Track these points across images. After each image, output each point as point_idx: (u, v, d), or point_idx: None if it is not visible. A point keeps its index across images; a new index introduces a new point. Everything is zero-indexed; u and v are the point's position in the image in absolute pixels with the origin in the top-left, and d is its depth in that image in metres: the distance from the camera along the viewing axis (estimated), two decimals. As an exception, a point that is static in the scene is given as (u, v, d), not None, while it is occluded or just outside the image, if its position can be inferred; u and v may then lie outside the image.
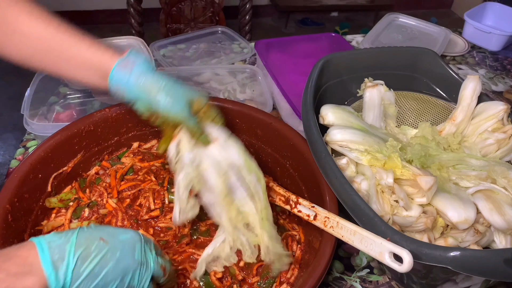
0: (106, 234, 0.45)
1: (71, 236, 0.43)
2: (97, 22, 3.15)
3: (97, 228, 0.46)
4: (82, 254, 0.42)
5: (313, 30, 3.35)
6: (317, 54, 1.08)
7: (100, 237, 0.44)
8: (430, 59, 0.82)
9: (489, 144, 0.70)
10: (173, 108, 0.57)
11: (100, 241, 0.44)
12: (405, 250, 0.46)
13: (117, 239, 0.45)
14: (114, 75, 0.57)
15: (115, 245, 0.45)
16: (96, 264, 0.42)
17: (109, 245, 0.44)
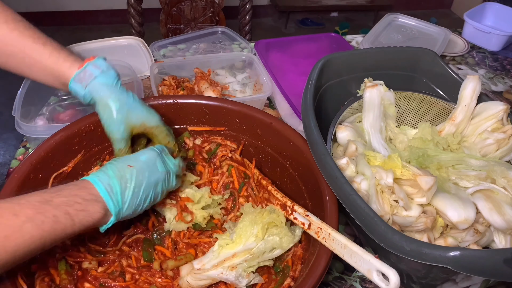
0: (130, 160, 0.56)
1: (108, 171, 0.53)
2: (97, 22, 3.16)
3: (119, 160, 0.56)
4: (122, 182, 0.53)
5: (313, 30, 3.35)
6: (317, 54, 1.08)
7: (127, 164, 0.55)
8: (430, 59, 0.82)
9: (489, 144, 0.70)
10: (108, 127, 0.62)
11: (129, 168, 0.55)
12: (391, 270, 0.46)
13: (140, 161, 0.56)
14: (71, 86, 0.61)
15: (141, 166, 0.56)
16: (135, 185, 0.54)
17: (137, 168, 0.55)
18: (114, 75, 0.62)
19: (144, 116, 0.63)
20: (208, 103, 0.73)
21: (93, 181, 0.52)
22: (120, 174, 0.54)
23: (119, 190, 0.53)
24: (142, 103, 0.64)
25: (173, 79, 0.96)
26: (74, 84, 0.60)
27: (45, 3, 2.98)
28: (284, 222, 0.60)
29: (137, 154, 0.58)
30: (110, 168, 0.54)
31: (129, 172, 0.54)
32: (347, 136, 0.70)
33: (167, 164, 0.59)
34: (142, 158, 0.57)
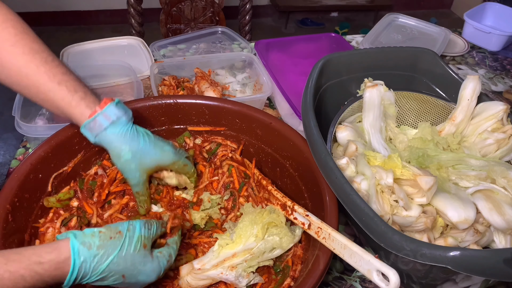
0: (131, 273, 0.51)
1: (102, 263, 0.48)
2: (97, 22, 3.15)
3: (132, 257, 0.51)
4: (100, 277, 0.49)
5: (313, 30, 3.35)
6: (317, 54, 1.08)
7: (123, 274, 0.50)
8: (430, 59, 0.82)
9: (489, 144, 0.70)
10: (123, 174, 0.62)
11: (121, 277, 0.50)
12: (392, 270, 0.46)
13: (136, 279, 0.52)
14: (82, 132, 0.60)
15: (130, 283, 0.52)
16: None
17: (125, 281, 0.51)
18: (125, 122, 0.60)
19: (157, 158, 0.62)
20: (208, 103, 0.73)
21: (74, 263, 0.47)
22: (106, 274, 0.49)
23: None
24: (154, 142, 0.62)
25: (173, 79, 0.96)
26: (85, 131, 0.59)
27: (45, 3, 2.97)
28: (284, 222, 0.60)
29: (143, 267, 0.52)
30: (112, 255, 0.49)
31: (116, 279, 0.50)
32: (347, 136, 0.70)
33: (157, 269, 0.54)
34: (140, 278, 0.52)
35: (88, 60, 1.05)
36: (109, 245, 0.49)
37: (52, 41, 0.65)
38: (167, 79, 0.96)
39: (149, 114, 0.72)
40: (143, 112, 0.71)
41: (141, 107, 0.71)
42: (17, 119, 0.78)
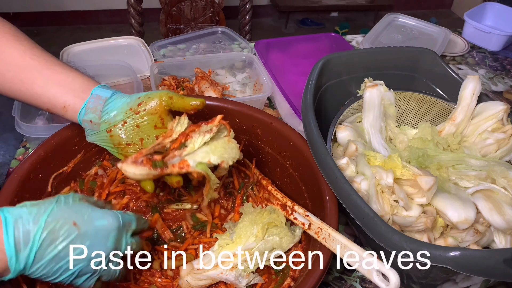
0: (81, 218, 0.45)
1: (42, 214, 0.42)
2: (97, 22, 3.16)
3: (74, 206, 0.46)
4: (49, 237, 0.42)
5: (313, 30, 3.35)
6: (317, 54, 1.08)
7: (73, 220, 0.44)
8: (430, 59, 0.82)
9: (489, 144, 0.70)
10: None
11: (72, 226, 0.43)
12: (391, 270, 0.46)
13: (92, 225, 0.45)
14: (83, 119, 0.59)
15: (87, 232, 0.44)
16: (62, 249, 0.43)
17: (81, 231, 0.44)
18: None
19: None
20: (208, 103, 0.72)
21: (4, 221, 0.40)
22: (54, 225, 0.42)
23: (35, 248, 0.41)
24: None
25: (173, 79, 0.96)
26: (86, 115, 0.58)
27: (45, 3, 2.97)
28: (284, 222, 0.60)
29: (96, 213, 0.47)
30: (48, 207, 0.43)
31: (67, 229, 0.43)
32: (347, 136, 0.70)
33: (121, 242, 0.49)
34: (97, 223, 0.46)
35: (88, 60, 1.05)
36: (42, 203, 0.44)
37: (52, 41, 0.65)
38: (167, 79, 0.96)
39: (149, 114, 0.72)
40: (143, 112, 0.71)
41: (141, 107, 0.71)
42: (17, 119, 0.78)
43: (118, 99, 0.59)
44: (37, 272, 0.43)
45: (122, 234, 0.49)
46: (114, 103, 0.58)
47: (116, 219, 0.48)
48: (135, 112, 0.58)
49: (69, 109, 0.58)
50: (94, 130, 0.59)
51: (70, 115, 0.59)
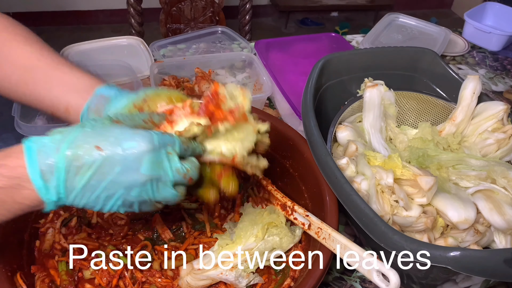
0: (106, 140, 0.40)
1: (63, 141, 0.39)
2: (97, 22, 3.15)
3: (101, 129, 0.41)
4: (73, 164, 0.39)
5: (313, 30, 3.35)
6: (317, 54, 1.08)
7: (95, 145, 0.39)
8: (430, 59, 0.82)
9: (489, 144, 0.70)
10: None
11: (96, 150, 0.39)
12: (392, 270, 0.46)
13: (118, 148, 0.40)
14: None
15: (114, 157, 0.39)
16: (91, 176, 0.39)
17: (106, 155, 0.39)
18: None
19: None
20: (208, 103, 0.72)
21: (28, 151, 0.38)
22: (76, 152, 0.39)
23: (63, 177, 0.39)
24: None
25: (173, 79, 0.96)
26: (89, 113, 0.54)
27: (45, 3, 2.97)
28: (284, 222, 0.60)
29: (124, 134, 0.41)
30: (71, 133, 0.40)
31: (91, 155, 0.39)
32: (347, 136, 0.70)
33: (164, 168, 0.42)
34: (125, 145, 0.40)
35: (88, 60, 1.05)
36: (68, 129, 0.41)
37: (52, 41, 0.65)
38: (167, 79, 0.96)
39: (149, 114, 0.72)
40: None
41: (141, 107, 0.71)
42: (17, 119, 0.78)
43: (123, 98, 0.54)
44: (77, 202, 0.40)
45: (160, 157, 0.42)
46: (118, 101, 0.54)
47: (148, 140, 0.41)
48: (138, 109, 0.53)
49: (71, 110, 0.54)
50: None
51: (73, 117, 0.55)
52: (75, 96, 0.55)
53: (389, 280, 0.46)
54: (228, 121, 0.49)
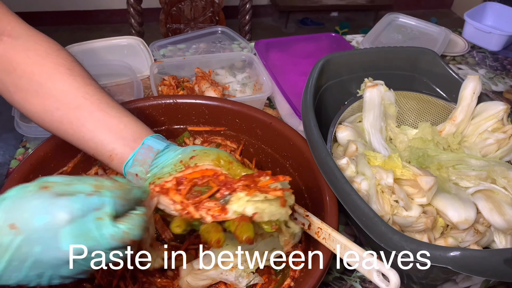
0: (21, 216, 0.35)
1: None
2: (97, 22, 3.16)
3: (16, 203, 0.36)
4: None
5: (313, 30, 3.35)
6: (317, 54, 1.08)
7: (9, 224, 0.34)
8: (430, 59, 0.82)
9: (489, 144, 0.70)
10: None
11: (11, 230, 0.34)
12: (392, 270, 0.46)
13: (31, 225, 0.35)
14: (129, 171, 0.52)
15: (31, 236, 0.35)
16: (10, 259, 0.34)
17: (23, 235, 0.34)
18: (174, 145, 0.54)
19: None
20: (208, 103, 0.72)
21: None
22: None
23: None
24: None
25: (173, 79, 0.96)
26: (133, 167, 0.52)
27: (45, 3, 2.97)
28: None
29: (36, 209, 0.36)
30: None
31: (8, 236, 0.34)
32: (347, 136, 0.70)
33: (94, 238, 0.36)
34: (36, 222, 0.35)
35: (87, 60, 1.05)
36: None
37: (52, 41, 0.64)
38: (167, 79, 0.96)
39: (148, 114, 0.72)
40: (143, 112, 0.71)
41: (141, 107, 0.71)
42: (17, 119, 0.78)
43: (171, 152, 0.52)
44: (7, 283, 0.36)
45: (86, 226, 0.36)
46: (166, 156, 0.51)
47: (67, 210, 0.35)
48: (185, 166, 0.50)
49: (116, 158, 0.52)
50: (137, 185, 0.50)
51: (116, 164, 0.52)
52: (121, 143, 0.52)
53: (389, 280, 0.46)
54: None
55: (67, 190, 0.38)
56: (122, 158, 0.52)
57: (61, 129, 0.54)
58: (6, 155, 1.71)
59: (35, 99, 0.53)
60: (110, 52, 1.12)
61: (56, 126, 0.54)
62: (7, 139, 1.44)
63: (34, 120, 0.55)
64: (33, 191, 0.37)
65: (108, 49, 1.12)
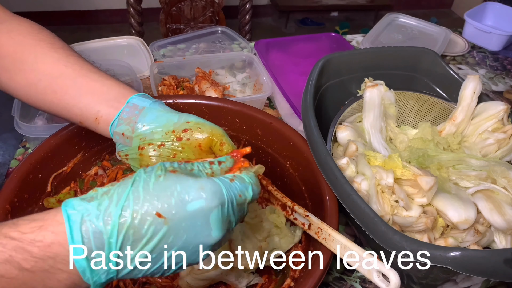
0: (167, 203, 0.32)
1: (114, 208, 0.32)
2: (97, 22, 3.16)
3: (157, 186, 0.33)
4: (129, 238, 0.32)
5: (313, 30, 3.35)
6: (317, 54, 1.08)
7: (156, 211, 0.32)
8: (430, 59, 0.82)
9: (489, 144, 0.70)
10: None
11: (157, 218, 0.32)
12: (392, 270, 0.46)
13: (183, 212, 0.33)
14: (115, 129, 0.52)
15: (180, 224, 0.32)
16: (152, 250, 0.32)
17: (170, 225, 0.32)
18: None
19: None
20: (208, 103, 0.72)
21: (70, 223, 0.31)
22: (132, 224, 0.32)
23: (115, 256, 0.32)
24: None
25: (173, 79, 0.96)
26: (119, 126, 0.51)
27: (45, 3, 2.97)
28: (284, 222, 0.60)
29: (188, 193, 0.33)
30: (120, 195, 0.33)
31: (152, 223, 0.32)
32: (347, 136, 0.70)
33: (231, 221, 0.36)
34: (190, 207, 0.33)
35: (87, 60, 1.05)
36: (116, 188, 0.33)
37: (52, 41, 0.64)
38: (167, 79, 0.96)
39: (149, 114, 0.72)
40: (143, 112, 0.71)
41: (141, 107, 0.70)
42: (17, 119, 0.78)
43: (160, 113, 0.51)
44: (131, 275, 0.34)
45: (229, 211, 0.36)
46: (153, 115, 0.50)
47: (215, 196, 0.34)
48: (177, 138, 0.49)
49: (101, 120, 0.52)
50: (125, 146, 0.51)
51: (102, 127, 0.52)
52: (106, 105, 0.52)
53: (389, 280, 0.46)
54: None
55: (195, 174, 0.37)
56: (108, 119, 0.52)
57: (46, 100, 0.53)
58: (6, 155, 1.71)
59: (18, 76, 0.54)
60: (110, 52, 1.12)
61: (41, 99, 0.54)
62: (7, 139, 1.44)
63: (20, 97, 0.56)
64: (163, 175, 0.35)
65: (108, 49, 1.12)
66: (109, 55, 1.10)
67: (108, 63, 1.00)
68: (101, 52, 1.11)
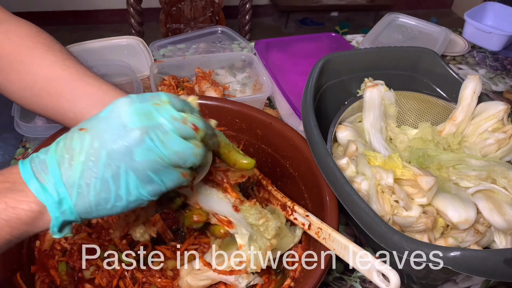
0: (87, 121, 0.38)
1: (54, 143, 0.38)
2: (97, 22, 3.15)
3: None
4: (64, 156, 0.36)
5: (313, 30, 3.35)
6: (317, 54, 1.08)
7: (78, 128, 0.37)
8: (430, 59, 0.82)
9: (489, 144, 0.70)
10: None
11: (79, 132, 0.37)
12: (392, 270, 0.46)
13: (99, 118, 0.38)
14: None
15: (98, 127, 0.37)
16: (85, 159, 0.35)
17: (91, 131, 0.36)
18: None
19: None
20: (207, 103, 0.72)
21: (21, 162, 0.38)
22: (65, 145, 0.37)
23: (58, 173, 0.36)
24: None
25: (173, 79, 0.96)
26: None
27: (45, 3, 2.97)
28: (284, 222, 0.60)
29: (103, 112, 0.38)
30: (56, 142, 0.38)
31: (78, 138, 0.37)
32: (347, 136, 0.70)
33: (155, 118, 0.37)
34: (104, 113, 0.38)
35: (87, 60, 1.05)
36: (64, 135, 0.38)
37: (52, 41, 0.64)
38: (167, 79, 0.96)
39: (149, 114, 0.71)
40: (143, 112, 0.71)
41: (141, 107, 0.70)
42: (17, 119, 0.78)
43: None
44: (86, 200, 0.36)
45: (147, 108, 0.37)
46: None
47: (126, 98, 0.38)
48: None
49: None
50: None
51: None
52: (101, 109, 0.52)
53: (389, 280, 0.46)
54: None
55: None
56: None
57: (41, 103, 0.53)
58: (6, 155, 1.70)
59: (14, 77, 0.53)
60: (110, 52, 1.12)
61: (36, 102, 0.53)
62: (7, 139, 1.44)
63: (16, 99, 0.55)
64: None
65: (108, 49, 1.12)
66: (109, 55, 1.10)
67: (108, 63, 1.01)
68: (101, 52, 1.11)
